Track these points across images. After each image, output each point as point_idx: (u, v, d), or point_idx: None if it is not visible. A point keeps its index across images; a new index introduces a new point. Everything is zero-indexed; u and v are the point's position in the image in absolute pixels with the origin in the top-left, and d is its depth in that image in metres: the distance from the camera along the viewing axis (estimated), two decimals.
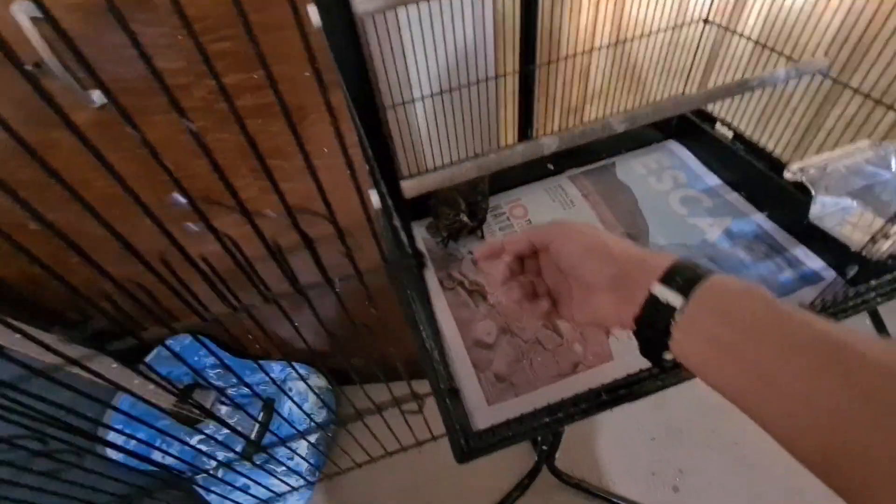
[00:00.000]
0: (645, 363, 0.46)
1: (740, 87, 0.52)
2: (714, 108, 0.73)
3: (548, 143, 0.48)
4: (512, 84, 0.74)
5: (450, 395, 0.45)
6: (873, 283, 0.45)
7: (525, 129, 0.79)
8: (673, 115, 0.70)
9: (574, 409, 0.44)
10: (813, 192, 0.47)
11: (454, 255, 0.67)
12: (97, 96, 0.44)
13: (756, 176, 0.64)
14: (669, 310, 0.29)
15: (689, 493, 1.12)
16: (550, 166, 0.76)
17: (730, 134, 0.70)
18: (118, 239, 0.26)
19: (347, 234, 0.28)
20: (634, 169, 0.74)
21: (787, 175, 0.48)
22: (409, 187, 0.47)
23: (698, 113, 0.74)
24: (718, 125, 0.72)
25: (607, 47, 0.74)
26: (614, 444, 1.22)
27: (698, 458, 1.16)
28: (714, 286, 0.28)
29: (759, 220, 0.63)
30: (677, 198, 0.69)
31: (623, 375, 0.48)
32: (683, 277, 0.29)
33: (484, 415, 0.49)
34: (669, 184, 0.71)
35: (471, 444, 0.41)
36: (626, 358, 0.52)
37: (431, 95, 0.68)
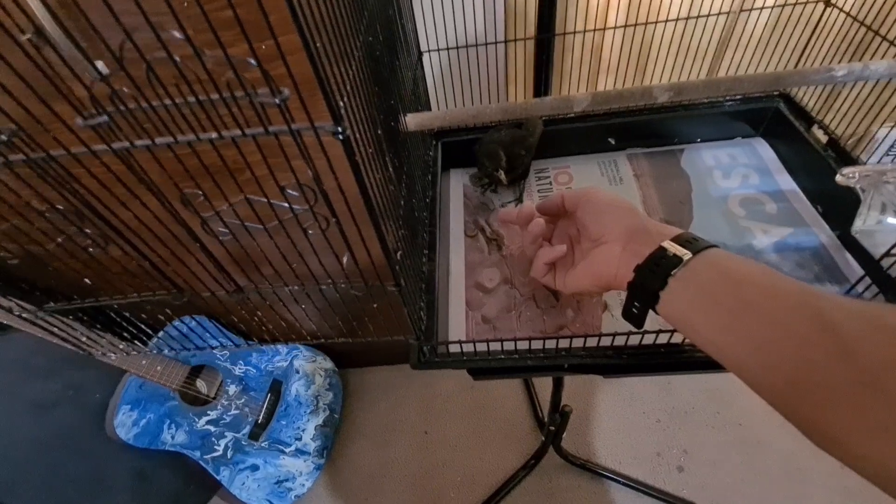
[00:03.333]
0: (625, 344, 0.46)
1: (820, 76, 0.46)
2: (815, 107, 0.64)
3: (579, 99, 0.47)
4: (523, 52, 0.72)
5: (420, 298, 0.49)
6: None
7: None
8: (727, 94, 0.64)
9: (532, 357, 0.45)
10: (861, 202, 0.41)
11: (487, 205, 0.69)
12: (101, 66, 0.47)
13: (838, 189, 0.56)
14: (675, 260, 0.33)
15: (693, 473, 1.13)
16: (611, 140, 0.73)
17: (825, 138, 0.62)
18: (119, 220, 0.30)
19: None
20: (703, 159, 0.69)
21: (839, 179, 0.42)
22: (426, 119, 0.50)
23: (795, 109, 0.66)
24: (815, 128, 0.63)
25: (696, 17, 0.67)
26: (620, 426, 1.22)
27: (703, 438, 1.17)
28: (718, 251, 0.33)
29: (825, 236, 0.56)
30: (738, 197, 0.63)
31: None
32: (692, 244, 0.34)
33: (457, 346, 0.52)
34: (736, 182, 0.65)
35: (427, 355, 0.45)
36: (615, 339, 0.51)
37: (438, 50, 0.68)
